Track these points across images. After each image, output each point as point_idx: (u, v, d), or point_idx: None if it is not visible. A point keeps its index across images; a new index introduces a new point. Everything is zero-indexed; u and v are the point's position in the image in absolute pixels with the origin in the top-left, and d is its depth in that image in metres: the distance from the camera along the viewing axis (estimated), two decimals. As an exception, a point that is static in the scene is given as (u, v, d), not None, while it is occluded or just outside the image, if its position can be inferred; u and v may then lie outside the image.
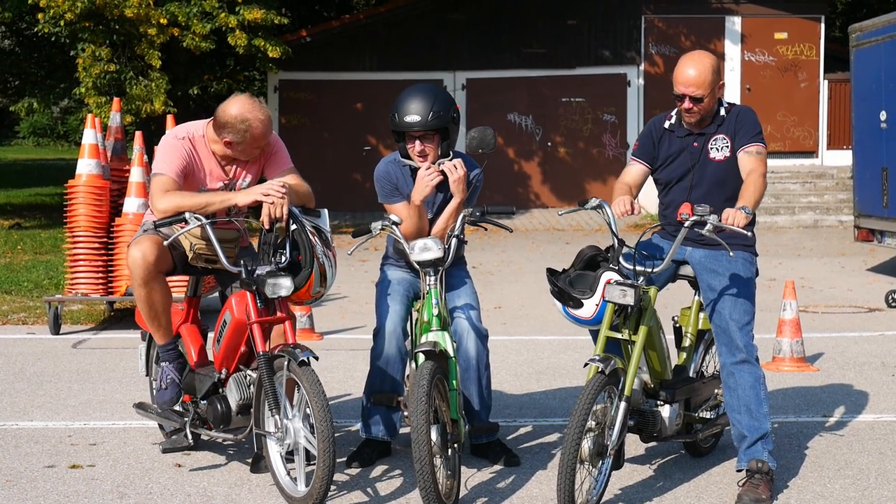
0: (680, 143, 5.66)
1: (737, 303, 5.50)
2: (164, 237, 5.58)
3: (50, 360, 8.88)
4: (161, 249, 5.60)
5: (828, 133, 22.98)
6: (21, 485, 5.61)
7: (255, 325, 5.33)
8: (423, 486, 4.95)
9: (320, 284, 5.40)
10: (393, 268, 6.09)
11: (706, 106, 5.54)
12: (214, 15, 19.44)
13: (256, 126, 5.56)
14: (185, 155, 5.62)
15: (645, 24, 22.91)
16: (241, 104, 5.56)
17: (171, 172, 5.56)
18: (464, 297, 5.99)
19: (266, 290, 5.28)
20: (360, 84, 22.86)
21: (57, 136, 53.48)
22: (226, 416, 5.55)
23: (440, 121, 5.76)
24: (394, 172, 5.99)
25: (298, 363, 5.11)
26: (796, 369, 8.37)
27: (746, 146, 5.52)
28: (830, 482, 5.67)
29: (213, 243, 5.45)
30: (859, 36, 14.49)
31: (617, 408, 5.12)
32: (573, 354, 8.98)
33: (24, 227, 20.30)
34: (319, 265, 5.36)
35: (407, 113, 5.76)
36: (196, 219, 5.41)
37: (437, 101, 5.78)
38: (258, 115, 5.57)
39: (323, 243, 5.45)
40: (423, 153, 5.82)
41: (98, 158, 10.30)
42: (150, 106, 19.01)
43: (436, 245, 5.50)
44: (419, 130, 5.76)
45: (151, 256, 5.58)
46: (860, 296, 12.46)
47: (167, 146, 5.66)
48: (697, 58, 5.56)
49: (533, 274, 14.52)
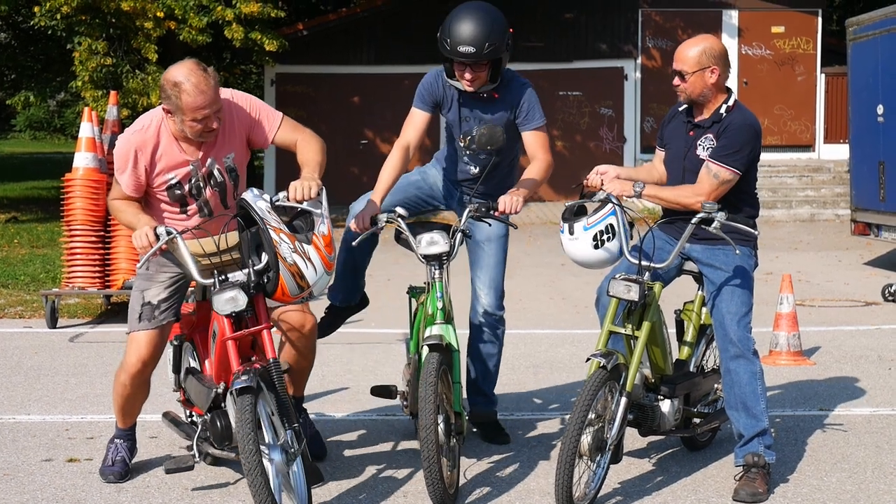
0: (682, 127, 5.66)
1: (734, 295, 5.49)
2: (158, 324, 5.30)
3: (47, 354, 8.88)
4: (157, 346, 5.33)
5: (825, 127, 22.99)
6: (18, 478, 5.61)
7: (230, 341, 4.90)
8: (430, 477, 4.96)
9: (298, 286, 4.77)
10: (435, 168, 6.10)
11: (690, 86, 5.47)
12: (211, 8, 19.42)
13: (189, 91, 4.92)
14: (135, 154, 5.15)
15: (642, 17, 22.91)
16: (179, 67, 5.00)
17: (123, 184, 5.21)
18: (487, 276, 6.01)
19: (216, 307, 4.82)
20: (358, 78, 22.84)
21: (53, 130, 53.42)
22: (226, 433, 5.08)
23: (495, 52, 5.53)
24: (438, 87, 5.85)
25: (236, 391, 4.68)
26: (793, 363, 8.37)
27: (711, 161, 5.43)
28: (827, 476, 5.68)
29: (182, 253, 4.98)
30: (856, 30, 14.49)
31: (618, 403, 5.12)
32: (570, 348, 8.99)
33: (20, 221, 20.27)
34: (289, 266, 4.72)
35: (461, 42, 5.46)
36: (167, 232, 4.96)
37: (493, 29, 5.50)
38: (193, 79, 4.93)
39: (293, 237, 4.75)
40: (472, 80, 5.65)
41: (95, 152, 10.29)
42: (147, 99, 18.99)
43: (443, 239, 5.42)
44: (473, 61, 5.54)
45: (147, 355, 5.31)
46: (857, 290, 12.47)
47: (117, 155, 5.24)
48: (696, 38, 5.59)
49: (530, 268, 14.52)
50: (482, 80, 5.67)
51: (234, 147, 5.26)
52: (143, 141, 5.18)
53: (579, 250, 5.41)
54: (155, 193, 5.28)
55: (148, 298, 5.32)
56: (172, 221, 5.28)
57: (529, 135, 5.89)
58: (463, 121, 5.89)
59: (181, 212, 5.31)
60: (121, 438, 5.61)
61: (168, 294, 5.35)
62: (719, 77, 5.49)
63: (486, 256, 5.97)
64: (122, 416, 5.57)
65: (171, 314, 5.38)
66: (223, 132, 5.20)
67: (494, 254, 5.97)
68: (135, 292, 5.38)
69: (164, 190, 5.25)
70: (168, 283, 5.35)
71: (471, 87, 5.69)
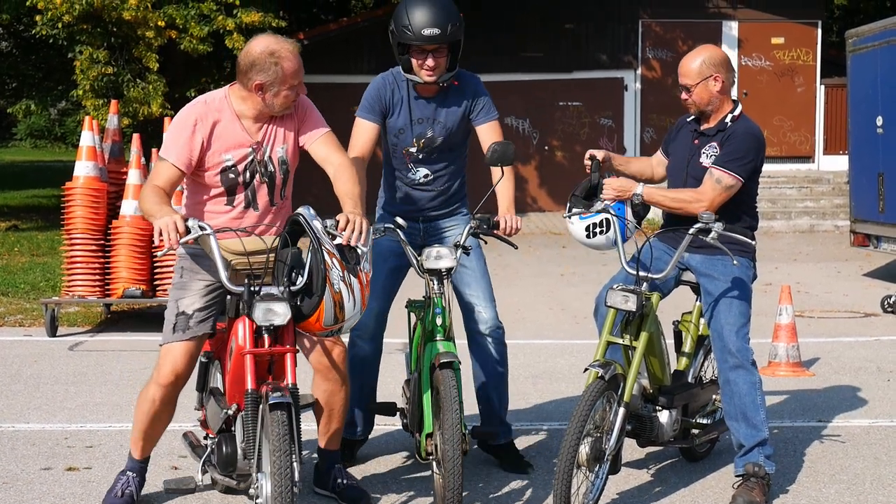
0: (688, 136, 5.71)
1: (732, 306, 5.50)
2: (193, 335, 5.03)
3: (47, 363, 8.88)
4: (192, 357, 5.07)
5: (824, 138, 23.00)
6: (17, 487, 5.61)
7: (249, 355, 4.63)
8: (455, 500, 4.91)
9: (335, 318, 4.56)
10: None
11: (696, 97, 5.56)
12: (212, 18, 19.43)
13: (287, 56, 4.90)
14: (196, 125, 4.95)
15: (642, 28, 22.93)
16: (265, 39, 4.94)
17: (172, 156, 4.93)
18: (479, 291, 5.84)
19: (255, 314, 4.58)
20: (358, 87, 22.54)
21: (54, 138, 53.46)
22: (230, 459, 4.86)
23: (458, 33, 5.45)
24: (387, 92, 5.72)
25: (269, 406, 4.42)
26: (792, 374, 8.38)
27: (714, 167, 5.48)
28: (826, 487, 5.68)
29: (213, 253, 4.68)
30: (856, 41, 14.51)
31: (616, 413, 5.12)
32: (570, 358, 8.99)
33: (21, 229, 20.28)
34: (334, 294, 4.51)
35: (425, 25, 5.37)
36: (200, 227, 4.65)
37: (451, 10, 5.43)
38: (286, 45, 4.92)
39: (343, 266, 4.56)
40: (434, 68, 5.52)
41: (95, 161, 10.30)
42: (148, 108, 19.00)
43: (451, 254, 5.33)
44: (439, 44, 5.44)
45: (182, 367, 5.04)
46: (856, 301, 12.47)
47: (175, 123, 5.01)
48: (696, 50, 5.65)
49: (529, 278, 14.52)
50: (442, 67, 5.55)
51: (288, 140, 5.14)
52: (206, 112, 5.00)
53: (575, 233, 5.63)
54: (205, 177, 5.03)
55: (182, 308, 5.05)
56: (214, 216, 5.03)
57: (488, 126, 5.76)
58: (415, 123, 5.75)
59: (227, 202, 5.06)
60: (133, 472, 5.28)
61: (204, 304, 5.07)
62: (723, 83, 5.56)
63: (472, 272, 5.84)
64: (142, 440, 5.21)
65: (207, 326, 5.08)
66: (281, 121, 5.11)
67: (479, 267, 5.87)
68: (170, 302, 5.13)
69: (217, 173, 5.01)
70: (203, 291, 5.08)
71: (432, 75, 5.54)
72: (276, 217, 5.14)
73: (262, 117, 5.05)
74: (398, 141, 5.81)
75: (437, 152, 5.80)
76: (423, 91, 5.72)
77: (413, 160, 5.82)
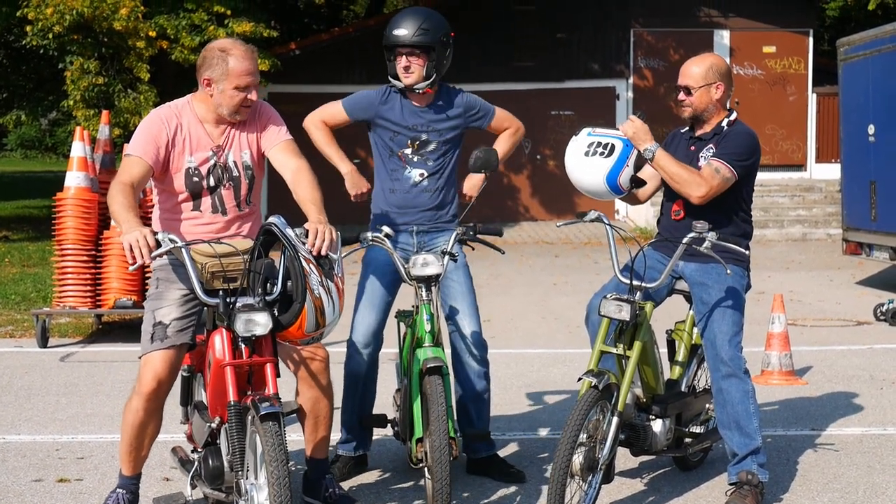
0: (684, 144, 5.72)
1: (724, 315, 5.50)
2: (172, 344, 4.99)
3: (38, 374, 8.85)
4: (173, 365, 5.01)
5: (816, 146, 23.06)
6: (8, 499, 5.58)
7: (229, 367, 4.57)
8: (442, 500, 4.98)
9: (316, 323, 4.54)
10: (378, 248, 5.76)
11: (696, 101, 5.58)
12: (203, 28, 19.44)
13: (237, 54, 4.97)
14: (161, 125, 5.02)
15: (634, 37, 22.98)
16: (223, 40, 5.11)
17: (139, 151, 4.96)
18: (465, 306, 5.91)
19: (236, 325, 4.52)
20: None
21: (45, 149, 53.46)
22: (217, 473, 4.78)
23: (426, 37, 5.76)
24: (378, 99, 5.99)
25: (261, 417, 4.37)
26: (785, 383, 8.37)
27: (713, 158, 5.50)
28: (819, 496, 5.67)
29: (186, 265, 4.65)
30: (847, 50, 14.55)
31: (609, 422, 5.11)
32: (562, 368, 8.98)
33: (11, 240, 20.24)
34: (315, 299, 4.50)
35: (395, 27, 5.79)
36: (171, 240, 4.62)
37: (427, 19, 5.81)
38: (240, 46, 5.02)
39: (320, 272, 4.57)
40: (408, 68, 5.80)
41: (86, 171, 10.29)
42: (139, 119, 18.97)
43: (437, 260, 5.43)
44: (406, 45, 5.76)
45: (164, 374, 4.96)
46: (849, 309, 12.48)
47: (141, 125, 5.08)
48: (702, 55, 5.70)
49: (522, 287, 14.51)
50: (418, 73, 5.80)
51: (251, 146, 5.18)
52: (170, 114, 5.09)
53: (571, 151, 5.62)
54: (172, 183, 5.06)
55: (159, 318, 5.03)
56: (183, 223, 5.08)
57: (496, 119, 6.15)
58: (409, 129, 5.96)
59: (194, 207, 5.08)
60: (124, 489, 5.16)
61: (181, 314, 5.04)
62: (723, 94, 5.61)
63: (457, 285, 5.90)
64: (130, 454, 5.11)
65: (186, 336, 5.04)
66: (243, 127, 5.16)
67: (464, 281, 5.93)
68: (146, 314, 5.14)
69: (182, 176, 5.05)
70: (180, 301, 5.05)
71: (407, 77, 5.80)
72: (245, 221, 5.18)
73: (223, 121, 5.11)
74: (393, 144, 6.00)
75: (431, 154, 5.97)
76: (414, 99, 5.94)
77: (407, 161, 5.97)
